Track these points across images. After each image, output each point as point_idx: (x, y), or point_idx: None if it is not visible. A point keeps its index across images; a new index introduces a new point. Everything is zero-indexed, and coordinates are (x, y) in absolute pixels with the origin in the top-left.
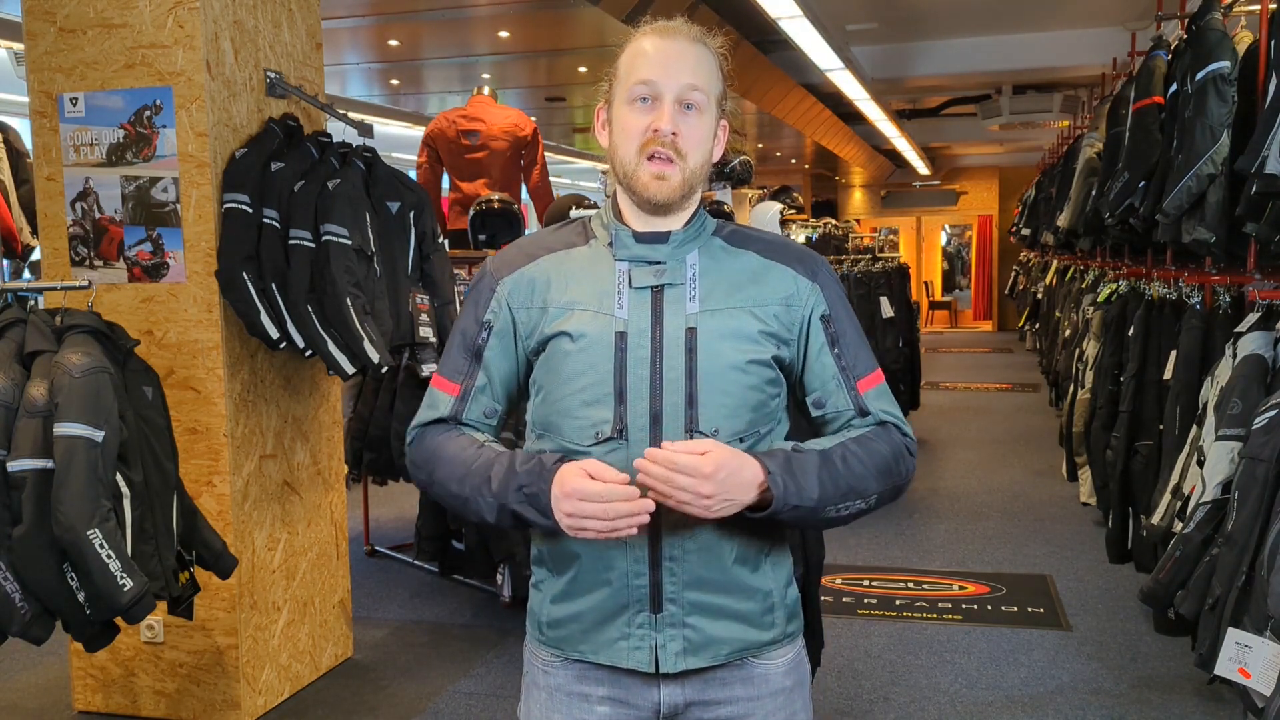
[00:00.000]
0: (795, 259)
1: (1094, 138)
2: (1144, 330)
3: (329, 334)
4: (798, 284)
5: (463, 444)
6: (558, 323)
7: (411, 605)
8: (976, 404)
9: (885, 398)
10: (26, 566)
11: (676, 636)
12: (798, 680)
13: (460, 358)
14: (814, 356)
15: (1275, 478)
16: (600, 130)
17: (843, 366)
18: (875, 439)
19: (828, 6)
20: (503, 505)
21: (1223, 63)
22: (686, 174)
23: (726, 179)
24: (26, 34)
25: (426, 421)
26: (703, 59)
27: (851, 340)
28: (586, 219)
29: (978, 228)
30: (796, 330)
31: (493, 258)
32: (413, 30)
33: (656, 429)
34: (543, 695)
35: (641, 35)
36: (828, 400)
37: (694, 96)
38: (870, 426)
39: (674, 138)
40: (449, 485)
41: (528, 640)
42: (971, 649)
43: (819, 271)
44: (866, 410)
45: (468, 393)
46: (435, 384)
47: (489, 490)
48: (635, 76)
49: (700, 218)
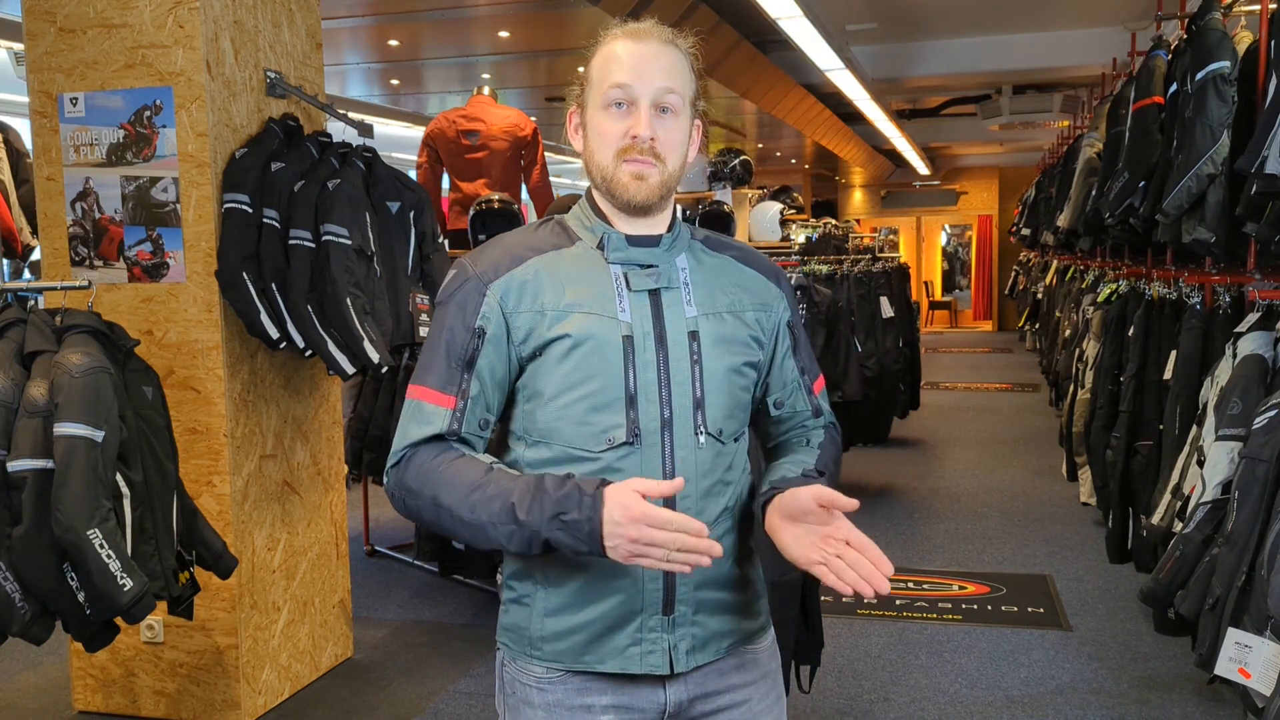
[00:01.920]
0: (764, 267)
1: (1094, 138)
2: (1144, 330)
3: (329, 334)
4: (769, 290)
5: (468, 465)
6: (557, 326)
7: (411, 605)
8: (976, 404)
9: (825, 397)
10: (26, 566)
11: (686, 635)
12: (777, 661)
13: (449, 367)
14: (779, 360)
15: (1275, 478)
16: (574, 135)
17: (802, 369)
18: (831, 445)
19: (828, 6)
20: (534, 534)
21: (1223, 63)
22: (665, 175)
23: (726, 179)
24: (26, 34)
25: (418, 440)
26: (676, 61)
27: (806, 344)
28: (561, 219)
29: (978, 228)
30: (770, 335)
31: (470, 258)
32: (413, 30)
33: (667, 433)
34: (540, 713)
35: (612, 39)
36: (788, 401)
37: (669, 100)
38: (822, 426)
39: (652, 142)
40: (459, 513)
41: (508, 658)
42: (971, 649)
43: (781, 280)
44: (821, 410)
45: (465, 405)
46: (421, 396)
47: (512, 519)
48: (609, 81)
49: (678, 222)
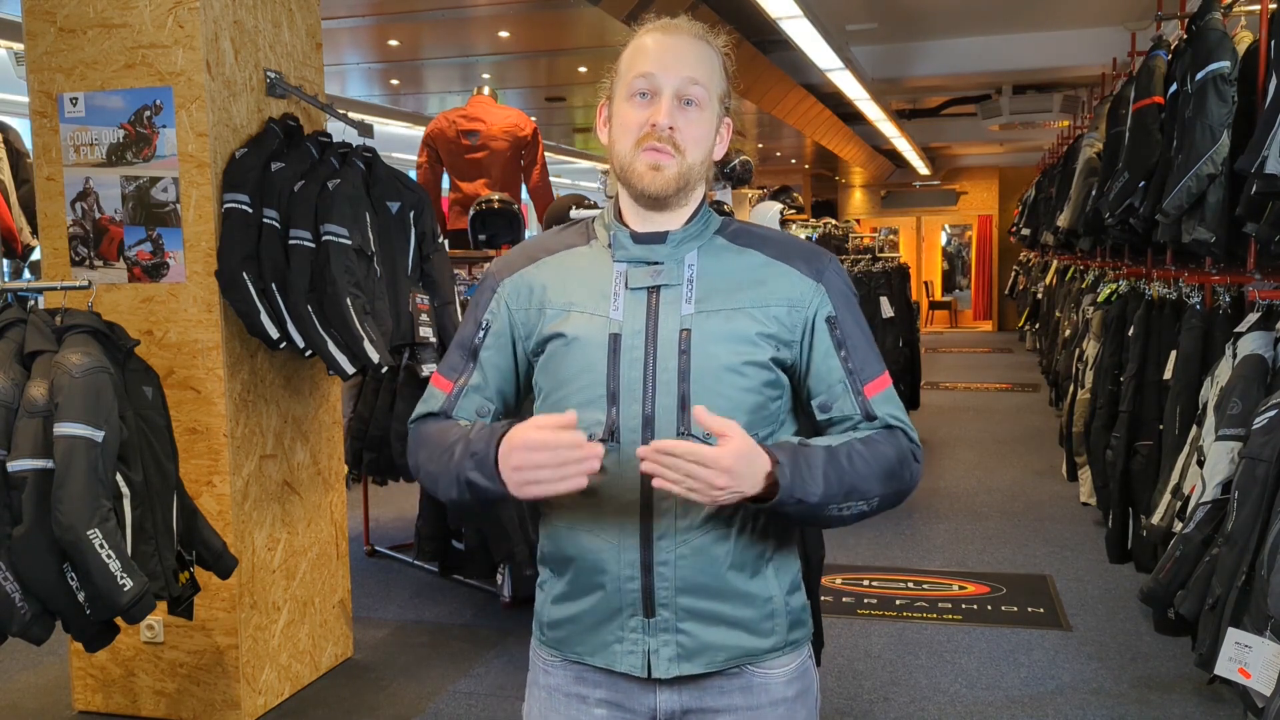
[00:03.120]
0: (800, 258)
1: (1094, 138)
2: (1144, 330)
3: (329, 334)
4: (801, 284)
5: (445, 427)
6: (555, 324)
7: (411, 605)
8: (976, 404)
9: (893, 402)
10: (26, 566)
11: (670, 642)
12: (801, 690)
13: (457, 356)
14: (819, 359)
15: (1275, 478)
16: (601, 127)
17: (850, 370)
18: (882, 441)
19: (828, 6)
20: (459, 474)
21: (1223, 63)
22: (683, 168)
23: (726, 179)
24: (26, 34)
25: (419, 415)
26: (704, 55)
27: (859, 343)
28: (590, 220)
29: (978, 228)
30: (799, 332)
31: (496, 260)
32: (413, 30)
33: (649, 431)
34: (542, 695)
35: (644, 32)
36: (834, 404)
37: (694, 91)
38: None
39: (671, 132)
40: (428, 466)
41: (532, 639)
42: (971, 649)
43: (824, 271)
44: (874, 415)
45: (460, 390)
46: (433, 381)
47: (450, 462)
48: (635, 71)
49: (703, 216)
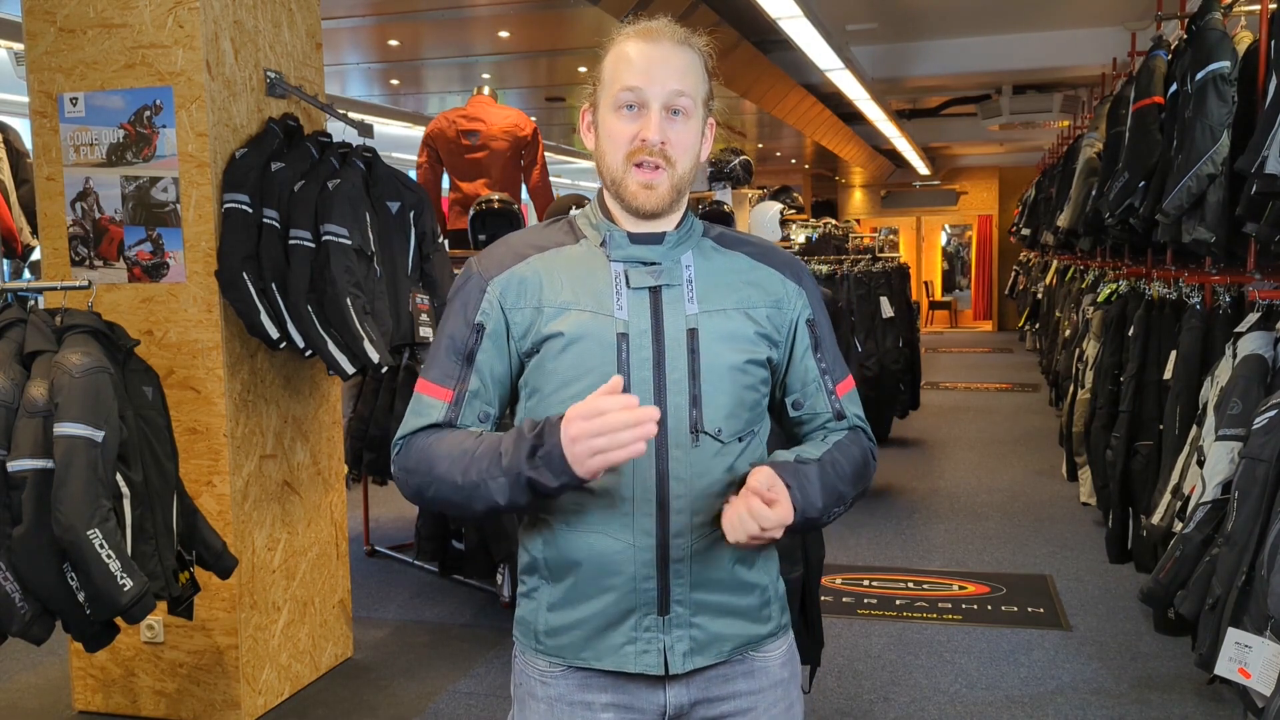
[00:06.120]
0: (782, 263)
1: (1094, 138)
2: (1144, 330)
3: (329, 334)
4: (786, 287)
5: (461, 437)
6: (553, 323)
7: (411, 605)
8: (976, 404)
9: (856, 402)
10: (26, 566)
11: (684, 637)
12: (792, 671)
13: (450, 361)
14: (798, 359)
15: (1275, 478)
16: (586, 132)
17: (824, 370)
18: (850, 444)
19: (828, 6)
20: (517, 475)
21: (1223, 63)
22: (675, 180)
23: (726, 179)
24: (26, 34)
25: (415, 429)
26: (688, 63)
27: (830, 345)
28: (571, 218)
29: (978, 228)
30: (785, 332)
31: (477, 257)
32: (413, 30)
33: (661, 430)
34: (542, 707)
35: (625, 39)
36: (807, 402)
37: (681, 102)
38: (845, 430)
39: (662, 146)
40: (452, 478)
41: (519, 650)
42: (971, 649)
43: (803, 276)
44: (843, 414)
45: (461, 398)
46: (422, 390)
47: (499, 469)
48: (620, 83)
49: (689, 219)
